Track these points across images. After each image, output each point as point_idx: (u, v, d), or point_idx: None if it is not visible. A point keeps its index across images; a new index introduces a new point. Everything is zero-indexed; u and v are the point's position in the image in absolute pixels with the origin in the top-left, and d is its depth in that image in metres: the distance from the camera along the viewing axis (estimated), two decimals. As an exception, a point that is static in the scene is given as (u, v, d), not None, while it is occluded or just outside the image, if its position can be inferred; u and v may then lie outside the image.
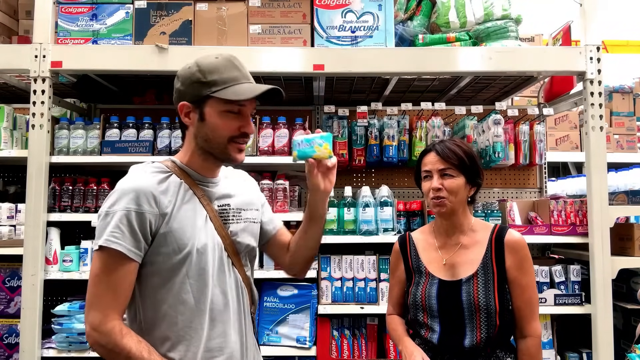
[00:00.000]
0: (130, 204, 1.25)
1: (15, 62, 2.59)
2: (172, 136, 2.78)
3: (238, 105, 1.34)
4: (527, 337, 1.64)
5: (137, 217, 1.25)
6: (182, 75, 1.36)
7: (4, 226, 2.69)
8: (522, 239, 1.68)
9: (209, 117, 1.33)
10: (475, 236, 1.71)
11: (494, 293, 1.61)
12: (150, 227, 1.27)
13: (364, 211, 2.77)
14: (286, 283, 2.76)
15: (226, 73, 1.32)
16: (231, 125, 1.34)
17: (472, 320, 1.60)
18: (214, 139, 1.34)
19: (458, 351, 1.61)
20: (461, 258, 1.68)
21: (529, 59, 2.64)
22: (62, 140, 2.73)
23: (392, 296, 1.85)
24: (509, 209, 2.90)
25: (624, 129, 4.48)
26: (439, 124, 2.97)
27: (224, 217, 1.40)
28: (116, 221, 1.24)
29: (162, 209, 1.28)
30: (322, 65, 2.59)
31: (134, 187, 1.27)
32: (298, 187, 3.03)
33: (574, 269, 2.77)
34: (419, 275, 1.73)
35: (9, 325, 2.70)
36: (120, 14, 2.68)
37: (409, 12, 2.85)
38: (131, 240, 1.25)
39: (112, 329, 1.22)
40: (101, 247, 1.24)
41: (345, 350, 2.78)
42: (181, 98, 1.36)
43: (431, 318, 1.65)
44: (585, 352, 2.76)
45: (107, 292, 1.24)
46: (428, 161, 1.69)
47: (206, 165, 1.40)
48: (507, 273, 1.64)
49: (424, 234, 1.82)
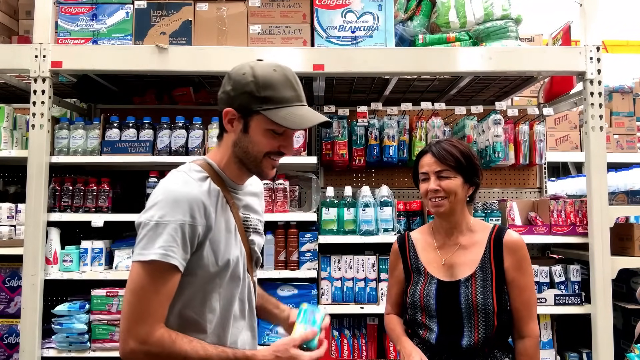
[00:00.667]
0: (185, 215, 1.22)
1: (15, 62, 2.59)
2: (172, 136, 2.78)
3: (283, 128, 1.30)
4: (525, 338, 1.64)
5: (190, 229, 1.23)
6: (235, 80, 1.31)
7: (4, 226, 2.69)
8: (521, 239, 1.68)
9: (253, 131, 1.30)
10: (474, 236, 1.72)
11: (492, 293, 1.61)
12: (198, 239, 1.26)
13: (364, 211, 2.77)
14: (286, 283, 2.76)
15: (281, 91, 1.29)
16: (272, 144, 1.32)
17: (470, 321, 1.61)
18: (252, 152, 1.32)
19: (455, 351, 1.61)
20: (460, 258, 1.69)
21: (529, 59, 2.64)
22: (62, 140, 2.73)
23: (390, 295, 1.86)
24: (509, 209, 2.90)
25: (624, 129, 4.48)
26: (439, 124, 2.97)
27: (246, 226, 1.41)
28: (171, 233, 1.20)
29: (209, 221, 1.27)
30: (322, 65, 2.59)
31: (186, 196, 1.24)
32: (298, 187, 3.03)
33: (574, 269, 2.77)
34: (418, 275, 1.73)
35: (9, 325, 2.70)
36: (120, 14, 2.68)
37: (409, 12, 2.85)
38: (182, 253, 1.22)
39: (162, 337, 1.20)
40: (152, 261, 1.19)
41: (345, 350, 2.78)
42: (228, 103, 1.32)
43: (429, 318, 1.66)
44: (585, 352, 2.76)
45: (155, 305, 1.21)
46: (425, 163, 1.69)
47: (240, 173, 1.39)
48: (506, 274, 1.64)
49: (423, 234, 1.82)
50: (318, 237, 2.73)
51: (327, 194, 2.86)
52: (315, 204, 2.91)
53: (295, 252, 2.76)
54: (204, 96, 3.20)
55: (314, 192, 3.00)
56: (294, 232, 2.78)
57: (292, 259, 2.76)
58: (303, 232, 2.76)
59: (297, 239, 2.76)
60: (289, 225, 2.81)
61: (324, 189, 3.01)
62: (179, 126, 2.81)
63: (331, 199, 2.83)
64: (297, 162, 2.75)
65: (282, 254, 2.77)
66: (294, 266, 2.75)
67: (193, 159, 1.42)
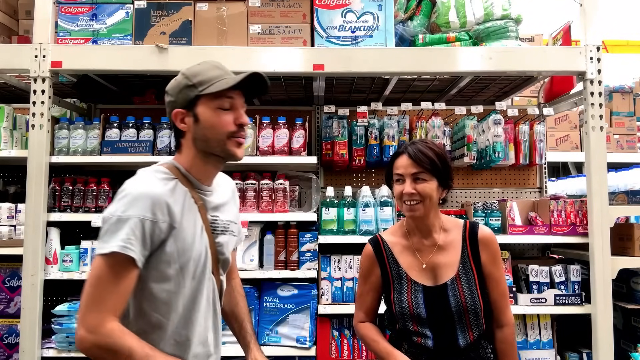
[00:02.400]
0: (146, 211, 1.25)
1: (15, 62, 2.59)
2: (172, 136, 2.78)
3: (228, 99, 1.37)
4: (504, 326, 1.69)
5: (151, 225, 1.26)
6: (170, 88, 1.41)
7: (4, 226, 2.69)
8: (492, 233, 1.72)
9: (202, 116, 1.36)
10: (448, 235, 1.71)
11: (477, 291, 1.64)
12: (159, 236, 1.28)
13: (364, 211, 2.77)
14: (286, 283, 2.76)
15: (209, 73, 1.37)
16: (226, 120, 1.37)
17: (461, 321, 1.62)
18: (213, 136, 1.37)
19: (454, 352, 1.62)
20: (439, 260, 1.67)
21: (529, 59, 2.64)
22: (62, 140, 2.73)
23: (364, 303, 1.78)
24: (509, 209, 2.90)
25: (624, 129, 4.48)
26: (439, 124, 2.97)
27: (214, 227, 1.43)
28: (131, 227, 1.24)
29: (172, 219, 1.30)
30: (322, 65, 2.59)
31: (148, 194, 1.27)
32: (298, 187, 3.03)
33: (574, 269, 2.77)
34: (399, 281, 1.69)
35: (9, 325, 2.70)
36: (120, 14, 2.68)
37: (409, 12, 2.85)
38: (141, 248, 1.25)
39: (112, 329, 1.22)
40: (112, 253, 1.23)
41: (345, 350, 2.78)
42: (173, 107, 1.39)
43: (421, 325, 1.64)
44: (585, 352, 2.76)
45: (111, 297, 1.23)
46: (400, 165, 1.65)
47: (207, 169, 1.43)
48: (483, 268, 1.67)
49: (397, 237, 1.76)
50: (318, 237, 2.73)
51: (327, 194, 2.86)
52: (315, 204, 2.91)
53: (295, 252, 2.76)
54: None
55: (314, 192, 3.00)
56: (294, 232, 2.78)
57: (292, 259, 2.76)
58: (303, 232, 2.76)
59: (297, 239, 2.76)
60: (289, 225, 2.81)
61: (324, 189, 3.01)
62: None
63: (331, 199, 2.83)
64: (297, 162, 2.75)
65: (282, 254, 2.77)
66: (294, 266, 2.75)
67: (161, 161, 1.45)
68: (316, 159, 2.80)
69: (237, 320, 1.61)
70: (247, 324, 1.60)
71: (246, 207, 2.79)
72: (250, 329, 1.60)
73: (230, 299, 1.64)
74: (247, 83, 1.38)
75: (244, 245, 2.77)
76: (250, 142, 2.78)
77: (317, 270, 2.74)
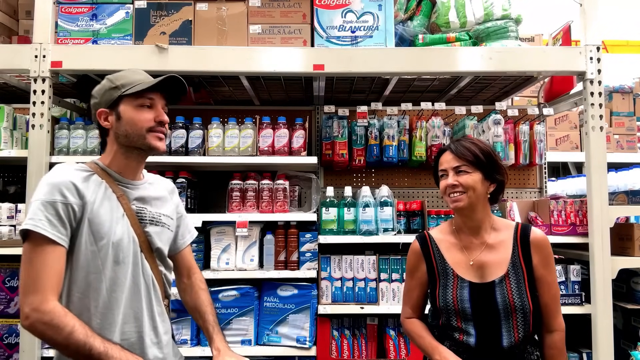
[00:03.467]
0: (55, 195, 1.37)
1: (15, 62, 2.59)
2: (172, 136, 2.78)
3: (148, 99, 1.51)
4: (554, 332, 1.67)
5: (63, 207, 1.37)
6: (96, 91, 1.55)
7: (4, 226, 2.69)
8: (546, 236, 1.70)
9: (124, 114, 1.50)
10: (499, 235, 1.71)
11: (526, 292, 1.62)
12: (75, 215, 1.39)
13: (364, 211, 2.77)
14: (286, 283, 2.76)
15: (132, 77, 1.53)
16: (146, 117, 1.51)
17: (508, 321, 1.60)
18: (134, 132, 1.49)
19: (497, 352, 1.60)
20: (488, 258, 1.67)
21: (529, 59, 2.64)
22: (62, 140, 2.73)
23: (411, 298, 1.79)
24: (509, 209, 2.90)
25: (624, 129, 4.48)
26: (439, 124, 2.97)
27: (140, 217, 1.53)
28: (40, 208, 1.35)
29: (84, 202, 1.41)
30: (322, 65, 2.59)
31: (59, 179, 1.39)
32: (298, 187, 3.03)
33: (574, 269, 2.77)
34: (445, 277, 1.69)
35: (9, 325, 2.70)
36: (120, 14, 2.68)
37: (409, 12, 2.85)
38: (58, 227, 1.35)
39: (54, 308, 1.31)
40: (27, 233, 1.33)
41: (345, 350, 2.78)
42: (97, 108, 1.53)
43: (465, 321, 1.62)
44: (585, 352, 2.76)
45: (41, 275, 1.32)
46: (444, 160, 1.70)
47: (129, 164, 1.54)
48: (535, 271, 1.65)
49: (444, 234, 1.77)
50: (318, 237, 2.73)
51: (327, 194, 2.85)
52: (315, 204, 2.91)
53: (295, 252, 2.76)
54: (203, 96, 3.20)
55: (314, 192, 3.00)
56: (294, 232, 2.78)
57: (292, 259, 2.76)
58: (303, 232, 2.76)
59: (297, 239, 2.76)
60: (289, 225, 2.81)
61: (324, 189, 3.01)
62: (179, 126, 2.81)
63: (331, 199, 2.83)
64: (297, 162, 2.75)
65: (282, 254, 2.78)
66: (294, 266, 2.75)
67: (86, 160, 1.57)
68: (316, 159, 2.80)
69: (200, 312, 1.70)
70: (209, 316, 1.68)
71: (246, 207, 2.79)
72: (213, 320, 1.67)
73: (192, 294, 1.73)
74: (167, 85, 1.53)
75: (244, 245, 2.77)
76: (250, 142, 2.78)
77: (317, 270, 2.74)
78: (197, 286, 1.74)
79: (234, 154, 2.77)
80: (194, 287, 1.73)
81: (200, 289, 1.73)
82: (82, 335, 1.31)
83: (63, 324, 1.29)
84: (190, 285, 1.74)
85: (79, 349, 1.30)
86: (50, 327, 1.29)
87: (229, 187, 2.83)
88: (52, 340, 1.31)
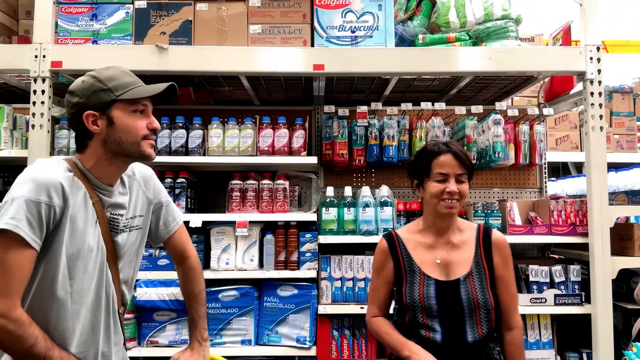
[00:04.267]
0: (41, 195, 1.27)
1: (15, 62, 2.59)
2: (172, 136, 2.78)
3: (143, 105, 1.45)
4: (513, 329, 1.73)
5: (46, 209, 1.28)
6: (78, 89, 1.41)
7: (4, 226, 2.68)
8: (506, 239, 1.79)
9: (118, 120, 1.40)
10: (463, 235, 1.77)
11: (488, 290, 1.68)
12: (54, 218, 1.30)
13: (364, 211, 2.77)
14: (286, 283, 2.76)
15: (124, 79, 1.44)
16: (141, 124, 1.43)
17: (472, 317, 1.65)
18: (128, 139, 1.41)
19: (462, 347, 1.64)
20: (453, 257, 1.73)
21: (529, 59, 2.64)
22: (62, 140, 2.73)
23: (377, 297, 1.82)
24: (509, 209, 2.90)
25: (624, 129, 4.47)
26: (439, 124, 2.97)
27: (113, 225, 1.45)
28: (23, 207, 1.25)
29: (66, 204, 1.33)
30: (322, 65, 2.59)
31: (46, 178, 1.30)
32: (298, 187, 3.03)
33: (574, 269, 2.77)
34: (412, 275, 1.73)
35: None
36: (120, 14, 2.68)
37: (409, 12, 2.85)
38: (37, 231, 1.27)
39: (21, 317, 1.25)
40: (3, 231, 1.24)
41: (345, 350, 2.78)
42: (83, 109, 1.39)
43: (431, 318, 1.66)
44: (585, 352, 2.76)
45: (14, 279, 1.25)
46: (446, 164, 1.68)
47: (110, 170, 1.45)
48: (495, 270, 1.72)
49: (411, 233, 1.82)
50: (318, 237, 2.73)
51: (327, 194, 2.85)
52: (315, 204, 2.91)
53: (295, 252, 2.76)
54: (203, 96, 3.20)
55: (314, 192, 3.00)
56: (294, 232, 2.78)
57: (292, 259, 2.76)
58: (303, 232, 2.76)
59: (297, 239, 2.76)
60: (289, 225, 2.81)
61: (324, 189, 3.01)
62: (179, 126, 2.81)
63: (331, 199, 2.83)
64: (297, 162, 2.75)
65: (282, 254, 2.78)
66: (294, 266, 2.75)
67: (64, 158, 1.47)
68: (316, 159, 2.80)
69: (187, 305, 1.69)
70: (193, 310, 1.67)
71: (246, 207, 2.79)
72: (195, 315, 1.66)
73: (186, 280, 1.70)
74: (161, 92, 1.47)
75: (244, 245, 2.77)
76: (250, 142, 2.78)
77: (317, 270, 2.74)
78: (185, 275, 1.71)
79: (234, 154, 2.77)
80: (188, 273, 1.71)
81: (188, 278, 1.70)
82: (44, 348, 1.26)
83: (27, 335, 1.24)
84: (185, 271, 1.71)
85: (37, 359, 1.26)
86: (13, 337, 1.23)
87: (229, 187, 2.83)
88: (10, 349, 1.26)
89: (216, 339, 2.68)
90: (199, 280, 1.72)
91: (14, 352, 1.27)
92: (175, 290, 2.64)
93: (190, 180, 2.89)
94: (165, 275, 2.69)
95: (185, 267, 1.71)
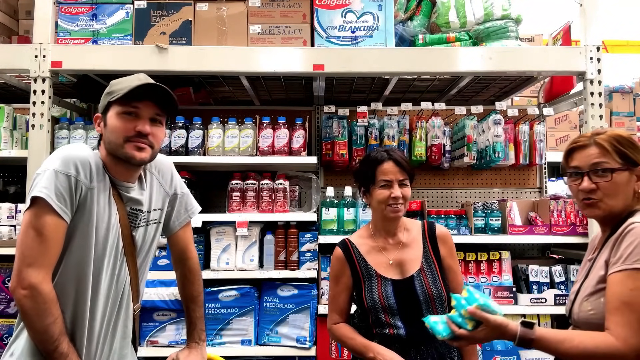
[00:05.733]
0: (71, 168, 1.34)
1: (15, 62, 2.59)
2: (172, 136, 2.78)
3: (133, 108, 1.45)
4: None
5: (75, 182, 1.34)
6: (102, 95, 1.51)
7: (4, 226, 2.69)
8: (447, 230, 1.92)
9: (108, 120, 1.46)
10: (410, 234, 1.87)
11: (440, 281, 1.78)
12: (80, 195, 1.36)
13: (364, 211, 2.77)
14: (286, 283, 2.76)
15: (125, 83, 1.46)
16: (127, 126, 1.44)
17: (429, 310, 1.73)
18: (113, 139, 1.45)
19: (425, 340, 1.69)
20: (405, 256, 1.81)
21: (529, 59, 2.63)
22: (62, 140, 2.73)
23: (337, 304, 1.86)
24: (509, 209, 2.90)
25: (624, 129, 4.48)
26: (439, 124, 2.97)
27: (132, 219, 1.50)
28: (54, 179, 1.31)
29: (92, 184, 1.39)
30: (322, 65, 2.59)
31: (76, 155, 1.37)
32: (298, 187, 3.03)
33: (574, 269, 2.77)
34: (369, 278, 1.80)
35: (9, 325, 2.70)
36: (120, 14, 2.68)
37: (409, 12, 2.85)
38: (66, 201, 1.33)
39: (50, 292, 1.30)
40: (36, 199, 1.29)
41: (346, 350, 2.77)
42: (96, 112, 1.54)
43: (392, 317, 1.73)
44: (585, 352, 2.75)
45: (48, 250, 1.29)
46: (389, 171, 1.78)
47: (118, 170, 1.49)
48: (443, 261, 1.83)
49: (363, 238, 1.89)
50: (318, 237, 2.73)
51: (327, 194, 2.85)
52: (315, 204, 2.91)
53: (295, 252, 2.76)
54: (203, 96, 3.20)
55: (314, 192, 3.00)
56: (294, 232, 2.78)
57: (292, 259, 2.76)
58: (303, 232, 2.76)
59: (297, 239, 2.76)
60: (289, 225, 2.81)
61: (324, 189, 3.01)
62: (179, 126, 2.81)
63: (331, 199, 2.83)
64: (297, 162, 2.75)
65: (282, 254, 2.77)
66: (294, 266, 2.75)
67: None
68: (316, 159, 2.80)
69: (185, 308, 1.72)
70: (191, 313, 1.69)
71: (246, 207, 2.79)
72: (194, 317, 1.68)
73: (185, 282, 1.73)
74: (158, 94, 1.45)
75: (244, 245, 2.77)
76: (250, 142, 2.78)
77: (317, 270, 2.74)
78: (185, 277, 1.72)
79: (234, 154, 2.77)
80: (188, 275, 1.72)
81: (187, 280, 1.72)
82: (58, 330, 1.29)
83: (49, 312, 1.27)
84: (185, 274, 1.72)
85: (47, 341, 1.28)
86: (40, 310, 1.27)
87: (229, 187, 2.83)
88: (31, 321, 1.28)
89: (216, 339, 2.69)
90: (198, 282, 1.74)
91: (33, 326, 1.29)
92: (175, 290, 2.63)
93: (190, 180, 2.89)
94: (165, 275, 2.69)
95: (185, 269, 1.73)
